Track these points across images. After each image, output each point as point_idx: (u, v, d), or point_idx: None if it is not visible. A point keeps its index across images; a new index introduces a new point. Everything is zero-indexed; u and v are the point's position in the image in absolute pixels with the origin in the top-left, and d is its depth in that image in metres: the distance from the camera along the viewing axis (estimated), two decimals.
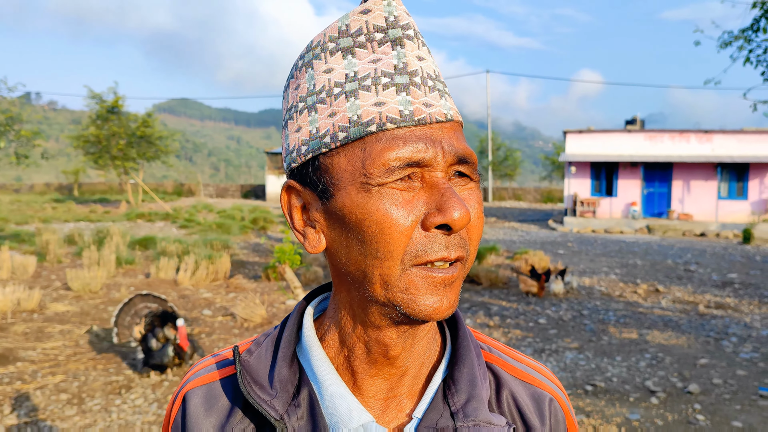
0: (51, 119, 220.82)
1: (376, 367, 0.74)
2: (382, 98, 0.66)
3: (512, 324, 8.17)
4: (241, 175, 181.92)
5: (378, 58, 0.68)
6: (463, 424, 0.72)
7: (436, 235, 0.66)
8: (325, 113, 0.68)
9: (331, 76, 0.69)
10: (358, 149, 0.66)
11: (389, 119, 0.66)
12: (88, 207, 30.87)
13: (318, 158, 0.69)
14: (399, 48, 0.68)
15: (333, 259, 0.71)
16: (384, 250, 0.65)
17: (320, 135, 0.68)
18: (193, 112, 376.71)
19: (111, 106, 33.00)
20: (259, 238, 17.81)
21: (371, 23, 0.68)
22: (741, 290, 10.96)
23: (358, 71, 0.67)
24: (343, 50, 0.69)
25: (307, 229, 0.72)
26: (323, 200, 0.69)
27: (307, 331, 0.77)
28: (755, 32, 9.18)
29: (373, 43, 0.68)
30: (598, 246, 18.20)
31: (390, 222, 0.65)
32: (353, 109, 0.66)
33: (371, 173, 0.65)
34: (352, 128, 0.66)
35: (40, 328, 7.40)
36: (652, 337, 7.56)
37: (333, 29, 0.70)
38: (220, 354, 0.84)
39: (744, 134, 26.02)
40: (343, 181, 0.67)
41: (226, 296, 9.47)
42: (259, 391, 0.73)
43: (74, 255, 13.19)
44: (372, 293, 0.68)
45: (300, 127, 0.70)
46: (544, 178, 54.74)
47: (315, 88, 0.70)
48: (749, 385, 5.89)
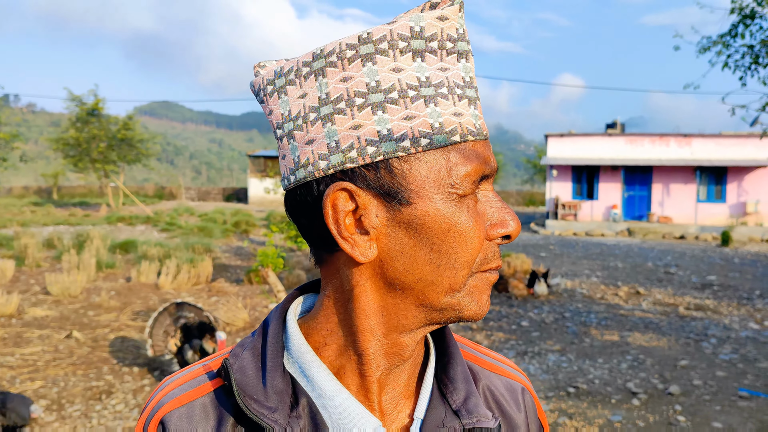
0: (30, 121, 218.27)
1: (386, 370, 0.73)
2: (459, 109, 0.66)
3: (495, 327, 8.20)
4: (223, 178, 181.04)
5: (446, 68, 0.66)
6: (468, 421, 0.73)
7: (494, 245, 0.70)
8: (399, 115, 0.64)
9: (401, 76, 0.65)
10: (441, 157, 0.65)
11: (469, 131, 0.66)
12: (67, 210, 30.53)
13: (390, 161, 0.65)
14: (464, 61, 0.68)
15: (378, 268, 0.68)
16: (462, 260, 0.67)
17: (395, 138, 0.64)
18: (174, 115, 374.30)
19: (91, 109, 32.70)
20: (241, 242, 17.73)
21: (446, 31, 0.67)
22: (720, 292, 11.10)
23: (429, 77, 0.65)
24: (414, 52, 0.66)
25: (357, 236, 0.67)
26: (394, 206, 0.66)
27: (297, 338, 0.74)
28: (733, 37, 9.31)
29: (442, 52, 0.67)
30: (580, 249, 18.34)
31: (472, 233, 0.67)
32: (434, 116, 0.65)
33: (457, 184, 0.65)
34: (436, 135, 0.64)
35: (19, 334, 7.30)
36: (634, 339, 7.63)
37: (404, 27, 0.66)
38: (191, 370, 0.78)
39: (722, 138, 26.39)
40: (426, 188, 0.65)
41: (208, 300, 9.40)
42: (256, 405, 0.69)
43: (53, 259, 13.03)
44: (431, 300, 0.68)
45: (359, 125, 0.65)
46: (526, 181, 55.05)
47: (380, 86, 0.65)
48: (729, 385, 5.96)
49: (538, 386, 5.91)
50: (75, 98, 32.78)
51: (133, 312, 8.50)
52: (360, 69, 0.65)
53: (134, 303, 9.06)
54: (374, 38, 0.65)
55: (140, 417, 0.75)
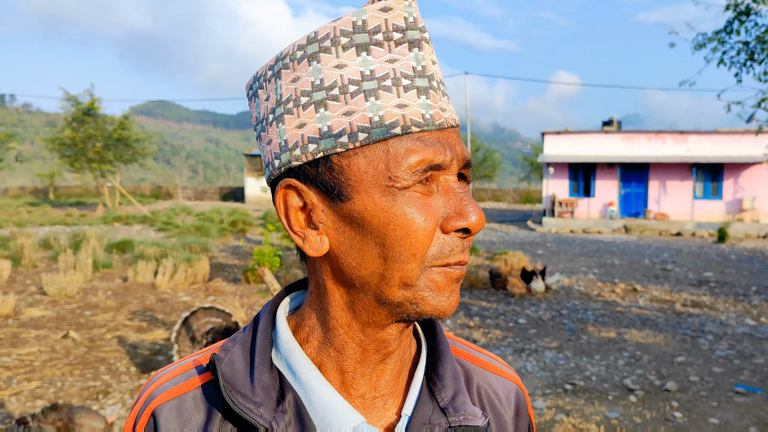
0: (26, 122, 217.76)
1: (367, 365, 0.73)
2: (403, 100, 0.65)
3: (492, 324, 8.21)
4: (220, 178, 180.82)
5: (395, 59, 0.66)
6: (455, 419, 0.73)
7: (453, 238, 0.67)
8: (339, 111, 0.66)
9: (343, 72, 0.66)
10: (380, 151, 0.65)
11: (413, 122, 0.65)
12: (64, 210, 30.47)
13: (330, 158, 0.66)
14: (417, 50, 0.67)
15: (335, 262, 0.69)
16: (408, 252, 0.66)
17: (334, 134, 0.65)
18: (170, 114, 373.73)
19: (87, 108, 32.64)
20: (238, 241, 17.71)
21: (391, 22, 0.66)
22: (716, 289, 11.12)
23: (374, 70, 0.65)
24: (357, 46, 0.66)
25: (308, 231, 0.69)
26: (335, 202, 0.67)
27: (285, 335, 0.74)
28: (728, 34, 9.32)
29: (390, 43, 0.66)
30: (577, 246, 18.36)
31: (415, 226, 0.65)
32: (374, 110, 0.65)
33: (396, 176, 0.65)
34: (374, 129, 0.65)
35: (15, 334, 7.29)
36: (630, 336, 7.64)
37: (346, 23, 0.66)
38: (182, 363, 0.79)
39: (718, 135, 26.42)
40: (364, 183, 0.65)
41: (205, 299, 9.39)
42: (242, 400, 0.69)
43: (50, 259, 13.01)
44: (387, 294, 0.68)
45: (304, 123, 0.67)
46: (523, 179, 55.13)
47: (323, 83, 0.66)
48: (725, 382, 5.97)
49: (535, 384, 5.91)
50: (71, 98, 32.72)
51: (130, 312, 8.49)
52: (307, 68, 0.67)
53: (131, 303, 9.05)
54: (319, 37, 0.67)
55: (132, 409, 0.76)
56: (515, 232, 23.23)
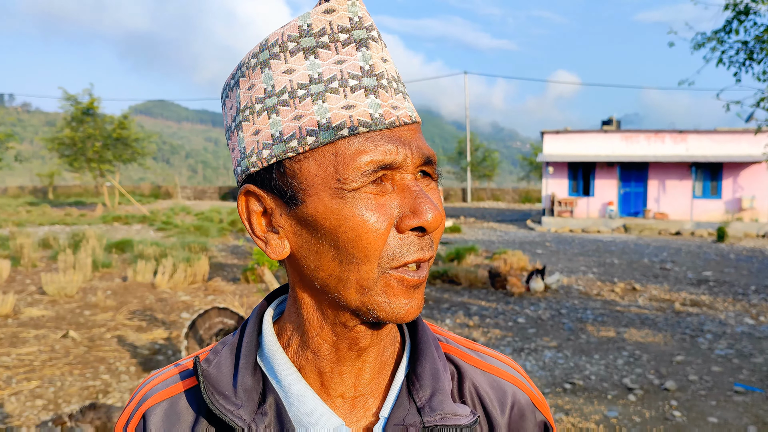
0: (25, 121, 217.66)
1: (344, 363, 0.73)
2: (351, 101, 0.65)
3: (491, 324, 8.21)
4: (219, 177, 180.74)
5: (342, 60, 0.66)
6: (430, 419, 0.72)
7: (410, 237, 0.67)
8: (289, 116, 0.66)
9: (292, 77, 0.66)
10: (329, 154, 0.65)
11: (361, 123, 0.65)
12: (63, 210, 30.46)
13: (282, 163, 0.67)
14: (364, 50, 0.67)
15: (298, 265, 0.70)
16: (361, 255, 0.65)
17: (285, 139, 0.66)
18: (170, 114, 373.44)
19: (86, 108, 32.64)
20: (237, 240, 17.71)
21: (335, 23, 0.66)
22: (716, 288, 11.13)
23: (322, 73, 0.66)
24: (304, 50, 0.66)
25: (269, 234, 0.70)
26: (290, 206, 0.67)
27: (268, 337, 0.75)
28: (727, 33, 9.33)
29: (337, 44, 0.66)
30: (576, 245, 18.37)
31: (366, 227, 0.64)
32: (321, 113, 0.65)
33: (345, 178, 0.64)
34: (321, 132, 0.65)
35: (15, 334, 7.29)
36: (630, 335, 7.64)
37: (293, 28, 0.67)
38: (175, 366, 0.80)
39: (717, 134, 26.43)
40: (315, 186, 0.66)
41: (204, 299, 9.40)
42: (223, 402, 0.70)
43: (49, 259, 13.00)
44: (345, 298, 0.68)
45: (259, 129, 0.67)
46: (522, 178, 55.11)
47: (274, 90, 0.67)
48: (724, 381, 5.98)
49: (534, 383, 5.91)
50: (70, 98, 32.72)
51: (130, 311, 8.49)
52: (260, 75, 0.68)
53: (130, 302, 9.05)
54: (269, 44, 0.68)
55: (124, 409, 0.77)
56: (514, 232, 23.24)
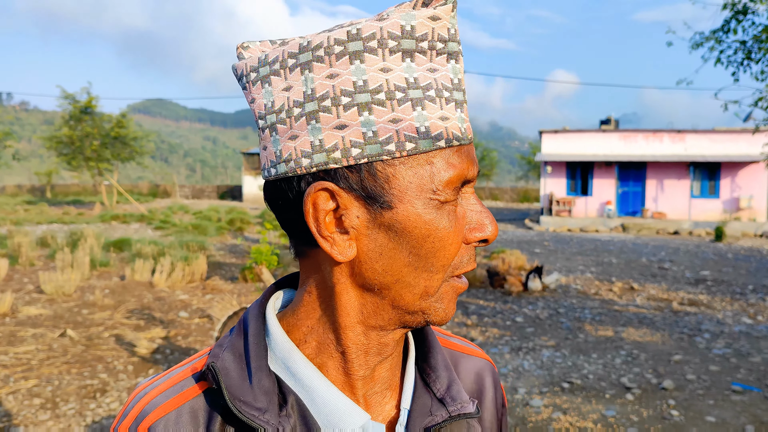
0: (23, 120, 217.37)
1: (368, 367, 0.73)
2: (446, 113, 0.65)
3: (490, 323, 8.22)
4: (218, 176, 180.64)
5: (435, 69, 0.65)
6: (454, 408, 0.75)
7: (471, 249, 0.70)
8: (385, 117, 0.63)
9: (389, 77, 0.64)
10: (425, 163, 0.65)
11: (454, 136, 0.65)
12: (61, 209, 30.42)
13: (374, 164, 0.64)
14: (454, 62, 0.66)
15: (357, 268, 0.68)
16: (438, 264, 0.67)
17: (381, 140, 0.63)
18: (168, 113, 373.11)
19: (84, 107, 32.59)
20: (235, 239, 17.70)
21: (437, 31, 0.65)
22: (714, 287, 11.14)
23: (417, 78, 0.64)
24: (404, 52, 0.64)
25: (337, 235, 0.67)
26: (373, 209, 0.65)
27: (279, 336, 0.73)
28: (726, 33, 9.34)
29: (432, 52, 0.65)
30: (574, 245, 18.38)
31: (451, 239, 0.67)
32: (421, 120, 0.64)
33: (439, 189, 0.65)
34: (421, 140, 0.64)
35: (12, 332, 7.28)
36: (628, 335, 7.65)
37: (394, 26, 0.64)
38: (170, 376, 0.75)
39: (715, 134, 26.46)
40: (408, 193, 0.65)
41: (202, 298, 9.39)
42: (246, 408, 0.67)
43: (47, 257, 12.99)
44: (405, 302, 0.68)
45: (345, 125, 0.64)
46: (521, 177, 55.14)
47: (367, 86, 0.64)
48: (722, 380, 5.98)
49: (532, 382, 5.92)
50: (68, 96, 32.67)
51: (128, 310, 8.48)
52: (348, 66, 0.64)
53: (128, 301, 9.04)
54: (363, 35, 0.64)
55: (118, 425, 0.72)
56: (513, 231, 23.25)
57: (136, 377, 5.86)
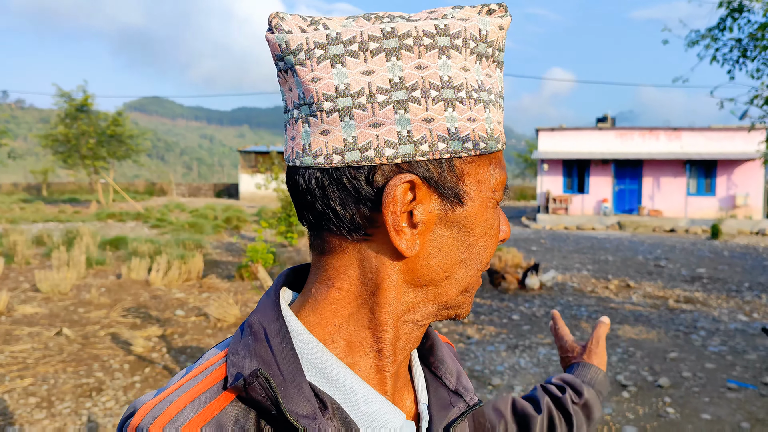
0: (19, 118, 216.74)
1: (397, 363, 0.72)
2: (499, 117, 0.69)
3: (486, 320, 8.22)
4: (214, 174, 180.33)
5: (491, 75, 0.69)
6: (470, 398, 0.78)
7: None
8: (465, 115, 0.64)
9: (467, 76, 0.65)
10: (488, 163, 0.68)
11: (503, 140, 0.70)
12: (57, 207, 30.36)
13: (453, 160, 0.65)
14: (499, 72, 0.71)
15: (411, 263, 0.66)
16: (484, 261, 0.72)
17: (461, 137, 0.64)
18: (164, 111, 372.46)
19: (80, 105, 32.54)
20: (232, 238, 17.68)
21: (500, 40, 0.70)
22: (709, 285, 11.17)
23: (483, 82, 0.67)
24: (478, 55, 0.67)
25: (408, 229, 0.65)
26: (447, 204, 0.65)
27: (309, 339, 0.68)
28: (721, 31, 9.35)
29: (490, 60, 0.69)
30: (571, 242, 18.40)
31: (497, 238, 0.73)
32: (489, 122, 0.67)
33: (496, 190, 0.70)
34: (489, 141, 0.67)
35: (8, 331, 7.26)
36: (624, 332, 7.66)
37: (474, 29, 0.66)
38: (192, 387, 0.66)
39: (712, 132, 26.52)
40: (476, 191, 0.67)
41: (199, 296, 9.38)
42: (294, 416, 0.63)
43: (43, 256, 12.96)
44: (447, 297, 0.71)
45: (432, 118, 0.63)
46: (518, 175, 55.19)
47: (452, 82, 0.64)
48: (718, 377, 6.00)
49: (528, 380, 5.93)
50: (64, 94, 32.61)
51: (124, 309, 8.47)
52: (436, 60, 0.63)
53: (124, 300, 9.03)
54: (450, 32, 0.64)
55: None
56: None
57: (132, 376, 5.85)
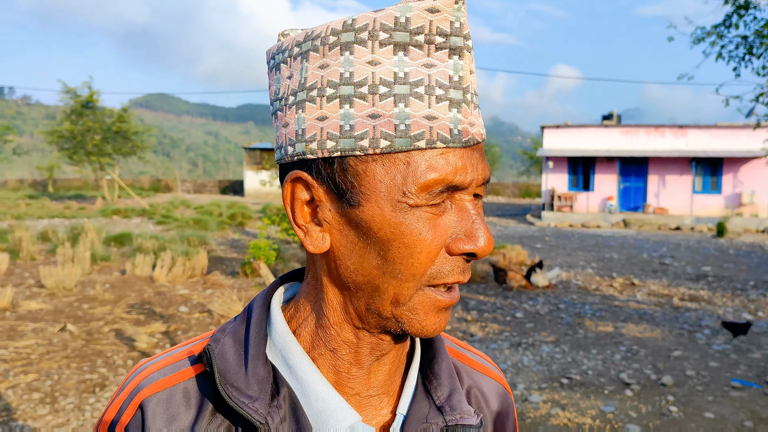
0: (25, 114, 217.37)
1: (362, 365, 0.71)
2: (434, 112, 0.61)
3: (489, 318, 8.21)
4: (219, 171, 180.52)
5: (432, 64, 0.62)
6: (452, 417, 0.72)
7: (458, 260, 0.65)
8: (365, 112, 0.62)
9: (376, 70, 0.61)
10: (400, 163, 0.62)
11: (440, 137, 0.61)
12: (62, 203, 30.44)
13: (346, 159, 0.63)
14: (456, 58, 0.62)
15: (334, 262, 0.67)
16: (408, 272, 0.63)
17: (356, 135, 0.62)
18: (169, 107, 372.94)
19: (86, 101, 32.60)
20: (235, 234, 17.71)
21: (435, 24, 0.61)
22: (714, 283, 11.13)
23: (408, 73, 0.61)
24: (396, 45, 0.62)
25: (311, 226, 0.66)
26: (343, 204, 0.64)
27: (281, 327, 0.72)
28: (727, 28, 9.30)
29: (431, 47, 0.62)
30: (575, 240, 18.36)
31: (421, 247, 0.62)
32: (401, 117, 0.61)
33: (410, 192, 0.61)
34: (398, 138, 0.61)
35: (13, 327, 7.29)
36: (627, 330, 7.65)
37: (388, 17, 0.62)
38: (171, 354, 0.75)
39: (717, 129, 26.40)
40: (376, 192, 0.62)
41: (203, 293, 9.40)
42: (236, 393, 0.66)
43: (48, 252, 13.00)
44: (377, 306, 0.66)
45: (326, 116, 0.63)
46: (523, 173, 55.08)
47: (352, 78, 0.62)
48: (721, 376, 5.98)
49: (531, 378, 5.92)
50: (69, 91, 32.67)
51: (128, 305, 8.49)
52: (338, 57, 0.63)
53: (129, 296, 9.05)
54: (357, 26, 0.62)
55: (113, 401, 0.72)
56: (514, 226, 23.23)
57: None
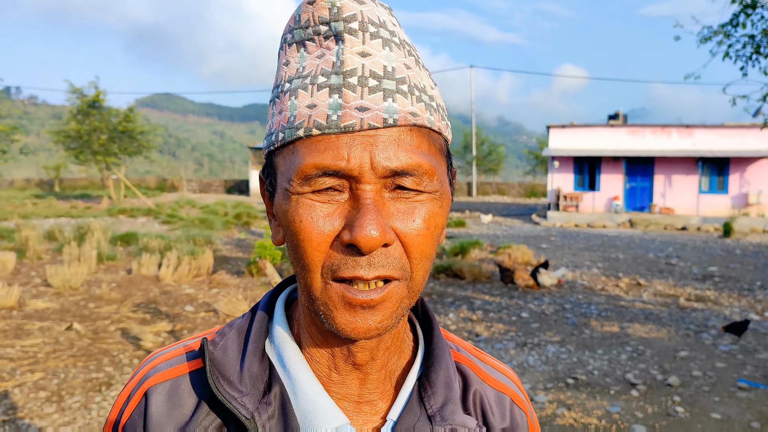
0: (31, 114, 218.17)
1: (340, 373, 0.71)
2: (314, 100, 0.61)
3: (495, 318, 8.20)
4: (225, 171, 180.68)
5: (322, 54, 0.63)
6: (440, 428, 0.70)
7: (351, 252, 0.61)
8: (276, 109, 0.66)
9: (287, 69, 0.66)
10: (290, 153, 0.63)
11: (315, 125, 0.61)
12: (69, 203, 30.54)
13: (272, 155, 0.67)
14: (341, 44, 0.62)
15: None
16: (303, 261, 0.63)
17: (271, 132, 0.66)
18: (175, 107, 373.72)
19: (92, 101, 32.70)
20: (241, 234, 17.74)
21: (316, 15, 0.63)
22: (721, 283, 11.08)
23: (305, 67, 0.64)
24: (297, 43, 0.65)
25: (272, 219, 0.71)
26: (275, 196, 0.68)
27: (279, 324, 0.73)
28: (734, 27, 9.25)
29: (320, 37, 0.63)
30: (581, 240, 18.32)
31: (303, 234, 0.62)
32: (292, 110, 0.63)
33: (292, 180, 0.62)
34: (287, 130, 0.63)
35: (19, 326, 7.32)
36: (633, 331, 7.62)
37: (292, 19, 0.65)
38: (181, 345, 0.77)
39: (724, 129, 26.29)
40: (279, 183, 0.65)
41: (208, 292, 9.41)
42: (227, 387, 0.67)
43: (54, 251, 13.04)
44: (307, 300, 0.67)
45: (269, 118, 0.68)
46: (528, 172, 55.01)
47: (277, 81, 0.67)
48: (728, 377, 5.95)
49: (537, 378, 5.91)
50: (76, 90, 32.77)
51: (134, 304, 8.51)
52: (276, 64, 0.69)
53: (135, 295, 9.07)
54: (283, 33, 0.67)
55: (126, 386, 0.74)
56: (519, 226, 23.19)
57: None
